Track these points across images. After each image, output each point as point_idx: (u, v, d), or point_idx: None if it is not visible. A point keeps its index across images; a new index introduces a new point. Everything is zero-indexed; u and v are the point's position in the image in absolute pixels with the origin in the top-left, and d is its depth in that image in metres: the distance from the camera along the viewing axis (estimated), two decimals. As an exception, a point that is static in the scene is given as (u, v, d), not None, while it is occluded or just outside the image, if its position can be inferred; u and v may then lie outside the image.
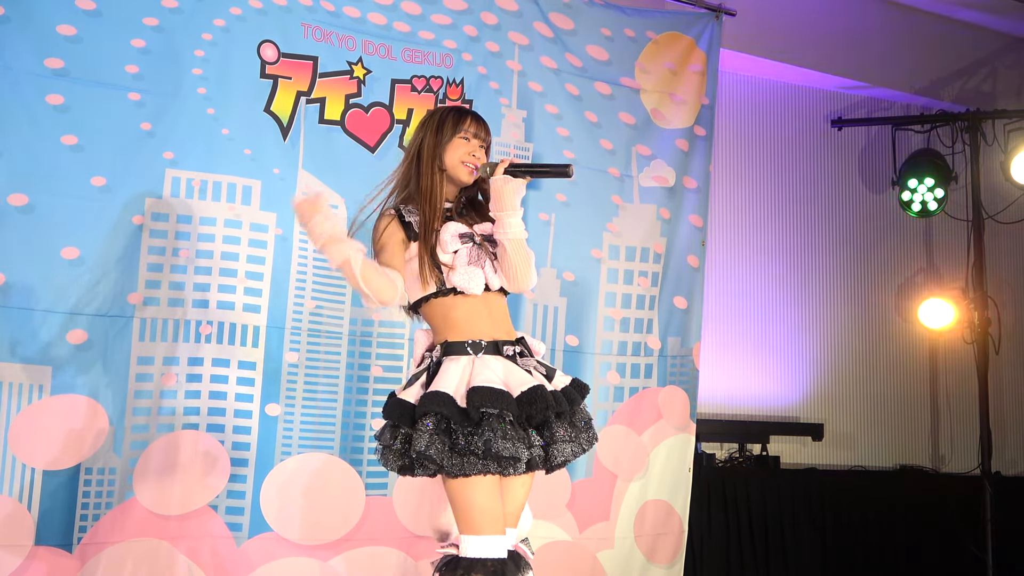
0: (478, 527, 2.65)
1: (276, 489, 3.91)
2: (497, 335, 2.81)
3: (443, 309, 2.81)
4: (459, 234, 2.83)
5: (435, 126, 2.88)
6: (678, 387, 4.73)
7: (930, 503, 5.55)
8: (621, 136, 4.71)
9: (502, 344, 2.80)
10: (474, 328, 2.79)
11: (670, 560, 4.62)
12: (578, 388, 2.88)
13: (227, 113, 3.94)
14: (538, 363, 2.86)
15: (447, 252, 2.80)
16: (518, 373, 2.75)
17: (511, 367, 2.76)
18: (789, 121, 6.09)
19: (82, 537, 3.62)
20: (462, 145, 2.87)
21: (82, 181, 3.70)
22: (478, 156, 2.88)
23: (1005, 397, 6.26)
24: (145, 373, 3.76)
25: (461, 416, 2.63)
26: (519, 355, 2.82)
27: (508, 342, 2.82)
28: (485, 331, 2.80)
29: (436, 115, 2.93)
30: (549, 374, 2.86)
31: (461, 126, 2.88)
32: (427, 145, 2.88)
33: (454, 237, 2.82)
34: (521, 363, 2.79)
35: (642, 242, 4.71)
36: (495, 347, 2.78)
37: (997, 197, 6.06)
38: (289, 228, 4.02)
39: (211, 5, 3.94)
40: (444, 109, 2.96)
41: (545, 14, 4.59)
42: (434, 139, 2.87)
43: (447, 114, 2.91)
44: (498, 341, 2.79)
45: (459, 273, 2.79)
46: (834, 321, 6.04)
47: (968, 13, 6.18)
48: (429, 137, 2.88)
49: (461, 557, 2.65)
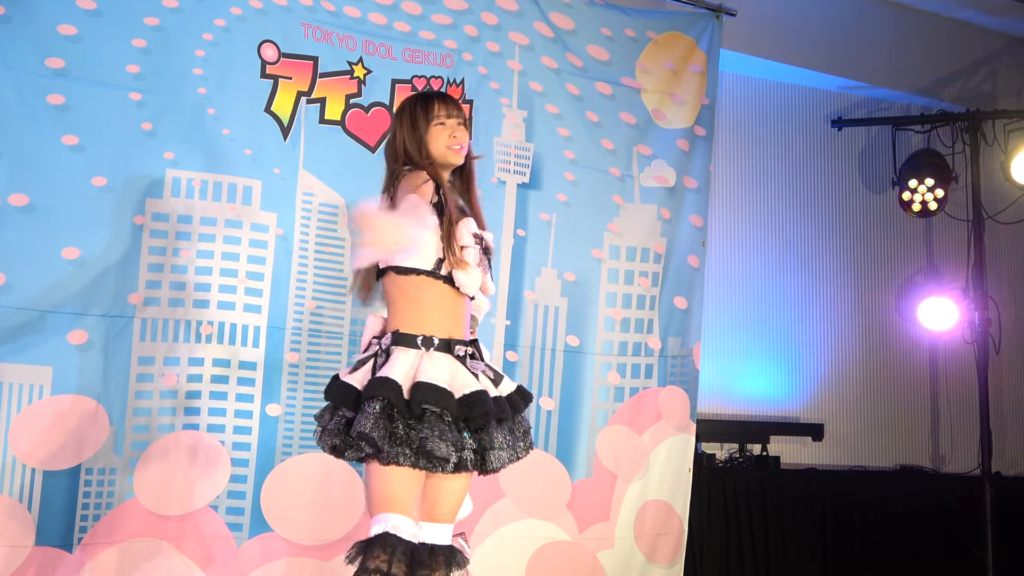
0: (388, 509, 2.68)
1: (276, 489, 3.91)
2: (453, 333, 2.82)
3: (419, 289, 2.80)
4: (474, 233, 2.86)
5: (408, 122, 2.89)
6: (678, 387, 4.73)
7: (930, 503, 5.55)
8: (622, 136, 4.71)
9: (454, 343, 2.81)
10: (434, 319, 2.79)
11: (670, 560, 4.62)
12: (522, 396, 2.91)
13: (228, 113, 3.94)
14: (487, 367, 2.88)
15: (459, 244, 2.82)
16: (464, 375, 2.77)
17: (458, 367, 2.78)
18: (789, 121, 6.09)
19: (82, 537, 3.62)
20: (440, 132, 2.88)
21: (83, 181, 3.70)
22: (459, 136, 2.89)
23: (1005, 397, 6.26)
24: (146, 373, 3.76)
25: (405, 407, 2.66)
26: (470, 356, 2.83)
27: (461, 342, 2.83)
28: (442, 326, 2.80)
29: (405, 110, 2.93)
30: (496, 379, 2.88)
31: (431, 113, 2.88)
32: (409, 141, 2.88)
33: (470, 234, 2.84)
34: (470, 365, 2.81)
35: (642, 242, 4.71)
36: (447, 345, 2.79)
37: (997, 197, 6.05)
38: (289, 228, 4.02)
39: (211, 5, 3.94)
40: (410, 102, 2.95)
41: (545, 14, 4.59)
42: (412, 134, 2.88)
43: (415, 106, 2.91)
44: (451, 340, 2.81)
45: (465, 270, 2.80)
46: (834, 321, 6.03)
47: (968, 13, 6.18)
48: (407, 134, 2.88)
49: (370, 538, 2.66)
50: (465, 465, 2.71)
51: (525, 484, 4.31)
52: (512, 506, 4.27)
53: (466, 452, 2.71)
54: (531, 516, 4.34)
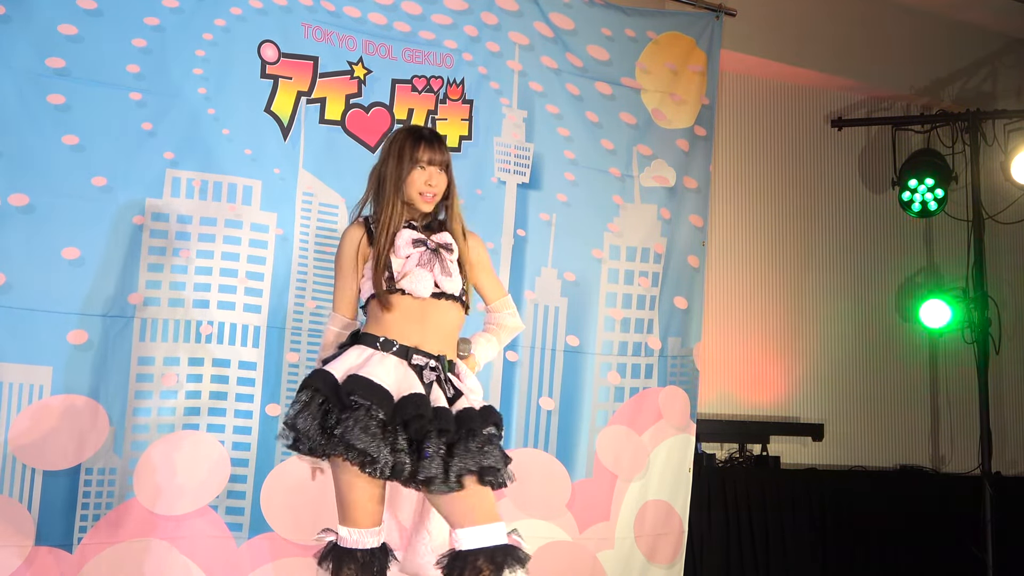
0: (351, 519, 2.76)
1: (276, 489, 3.91)
2: (421, 344, 2.84)
3: (384, 305, 2.85)
4: (412, 240, 2.90)
5: (396, 154, 2.93)
6: (678, 387, 4.73)
7: (930, 503, 5.55)
8: (622, 136, 4.71)
9: (415, 352, 2.82)
10: (401, 328, 2.84)
11: (670, 560, 4.62)
12: (483, 415, 2.82)
13: (228, 113, 3.94)
14: (449, 385, 2.85)
15: (399, 257, 2.86)
16: (412, 382, 2.77)
17: (409, 375, 2.79)
18: (789, 121, 6.09)
19: (82, 537, 3.62)
20: (419, 176, 2.91)
21: (83, 181, 3.70)
22: (434, 185, 2.92)
23: (1005, 397, 6.26)
24: (145, 373, 3.76)
25: (336, 399, 2.69)
26: (430, 369, 2.82)
27: (425, 354, 2.83)
28: (410, 335, 2.83)
29: (395, 142, 2.97)
30: (455, 396, 2.84)
31: (416, 154, 2.92)
32: (390, 175, 2.93)
33: (407, 243, 2.88)
34: (425, 376, 2.81)
35: (643, 242, 4.71)
36: (404, 352, 2.82)
37: (997, 197, 6.05)
38: (289, 228, 4.02)
39: (211, 5, 3.94)
40: (402, 134, 2.99)
41: (545, 14, 4.59)
42: (396, 170, 2.92)
43: (404, 141, 2.95)
44: (411, 348, 2.82)
45: (408, 275, 2.85)
46: (834, 321, 6.03)
47: (968, 13, 6.18)
48: (392, 165, 2.93)
49: (337, 546, 2.78)
50: (401, 472, 2.68)
51: (525, 484, 4.29)
52: (512, 506, 4.27)
53: (401, 456, 2.67)
54: (531, 516, 4.33)
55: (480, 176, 4.40)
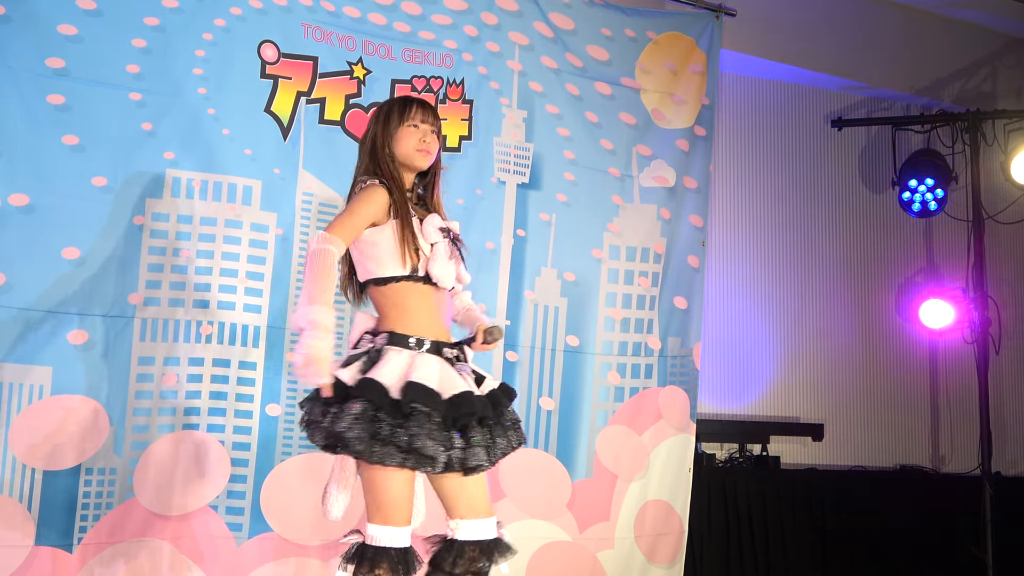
0: (386, 517, 2.74)
1: (276, 489, 3.91)
2: (440, 335, 2.87)
3: (402, 295, 2.85)
4: (440, 227, 2.91)
5: (383, 119, 2.96)
6: (678, 387, 4.73)
7: (930, 503, 5.55)
8: (621, 136, 4.71)
9: (443, 345, 2.86)
10: (422, 322, 2.85)
11: (670, 560, 4.62)
12: (505, 392, 2.94)
13: (227, 113, 3.94)
14: (471, 369, 2.93)
15: (427, 242, 2.87)
16: (452, 376, 2.80)
17: (447, 369, 2.82)
18: (789, 121, 6.09)
19: (82, 537, 3.62)
20: (412, 133, 2.93)
21: (83, 181, 3.70)
22: (428, 142, 2.94)
23: (1005, 397, 6.26)
24: (146, 373, 3.76)
25: (392, 407, 2.68)
26: (456, 359, 2.89)
27: (448, 344, 2.89)
28: (430, 327, 2.85)
29: (383, 108, 3.00)
30: (479, 380, 2.91)
31: (407, 115, 2.94)
32: (379, 138, 2.94)
33: (436, 229, 2.89)
34: (457, 367, 2.86)
35: (642, 242, 4.71)
36: (437, 347, 2.84)
37: (997, 197, 6.05)
38: (289, 228, 4.02)
39: (211, 5, 3.94)
40: (390, 101, 3.04)
41: (545, 14, 4.59)
42: (384, 132, 2.94)
43: (393, 106, 2.99)
44: (440, 342, 2.86)
45: (439, 264, 2.85)
46: (834, 321, 6.04)
47: (968, 13, 6.18)
48: (379, 130, 2.95)
49: (367, 546, 2.74)
50: (453, 465, 2.73)
51: (525, 484, 4.32)
52: (512, 506, 4.27)
53: (455, 451, 2.73)
54: (531, 516, 4.34)
55: (480, 176, 4.40)
